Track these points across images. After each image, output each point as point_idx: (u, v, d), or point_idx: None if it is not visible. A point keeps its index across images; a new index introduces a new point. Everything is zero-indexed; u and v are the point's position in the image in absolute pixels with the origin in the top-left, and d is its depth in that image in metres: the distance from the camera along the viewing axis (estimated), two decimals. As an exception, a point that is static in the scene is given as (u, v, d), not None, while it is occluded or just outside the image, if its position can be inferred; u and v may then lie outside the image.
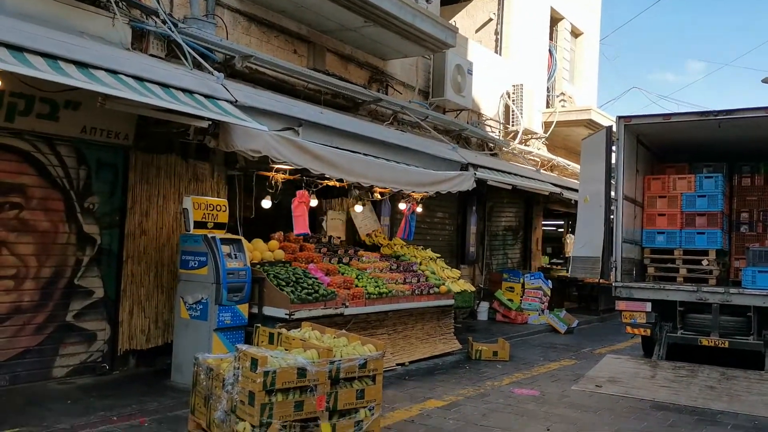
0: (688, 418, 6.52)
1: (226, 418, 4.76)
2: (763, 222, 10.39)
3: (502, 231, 15.28)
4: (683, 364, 8.89)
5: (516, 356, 9.62)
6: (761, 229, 10.39)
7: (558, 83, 17.27)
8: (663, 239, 10.15)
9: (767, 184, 10.64)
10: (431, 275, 9.48)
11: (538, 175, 13.64)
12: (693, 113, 9.74)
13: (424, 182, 9.13)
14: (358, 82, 10.31)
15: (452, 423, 6.06)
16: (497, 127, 14.51)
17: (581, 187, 10.71)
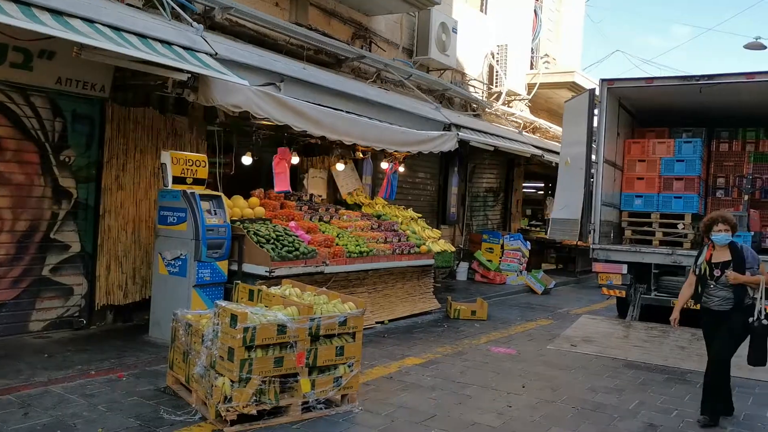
0: (658, 377, 6.70)
1: (205, 373, 4.78)
2: (738, 187, 10.53)
3: (483, 192, 15.33)
4: (656, 325, 9.09)
5: (494, 316, 9.76)
6: (736, 194, 10.54)
7: (542, 44, 17.14)
8: (641, 203, 10.25)
9: (744, 150, 10.75)
10: (412, 235, 9.51)
11: (520, 137, 13.63)
12: (675, 78, 9.74)
13: (407, 142, 9.08)
14: (341, 38, 10.12)
15: (430, 380, 6.16)
16: (481, 88, 14.41)
17: (563, 149, 10.73)
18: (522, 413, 5.34)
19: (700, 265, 5.47)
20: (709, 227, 5.45)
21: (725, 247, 5.38)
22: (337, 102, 8.11)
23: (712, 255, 5.42)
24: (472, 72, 14.09)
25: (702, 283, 5.43)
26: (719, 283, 5.30)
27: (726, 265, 5.29)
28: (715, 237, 5.40)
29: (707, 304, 5.40)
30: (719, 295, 5.32)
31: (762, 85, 8.86)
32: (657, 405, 5.74)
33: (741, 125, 10.79)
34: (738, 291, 5.27)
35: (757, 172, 10.47)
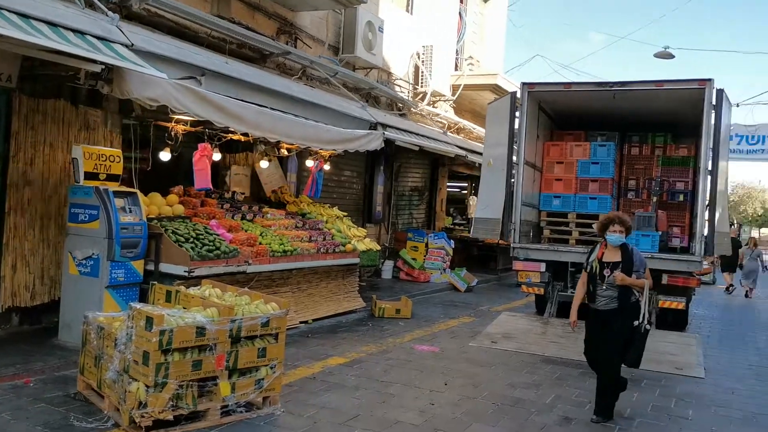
0: (574, 371, 6.95)
1: (118, 378, 4.58)
2: (648, 189, 11.04)
3: (409, 191, 15.46)
4: (572, 321, 9.41)
5: (418, 314, 9.85)
6: (646, 196, 11.04)
7: (467, 47, 17.44)
8: (559, 203, 10.61)
9: (653, 154, 11.28)
10: (337, 234, 9.46)
11: (445, 137, 13.83)
12: (591, 83, 10.13)
13: (332, 140, 9.01)
14: (265, 32, 9.93)
15: (354, 379, 6.14)
16: (406, 88, 14.52)
17: (485, 150, 10.95)
18: (444, 410, 5.40)
19: (591, 263, 5.51)
20: (605, 226, 5.48)
21: (617, 248, 5.42)
22: (261, 98, 7.94)
23: (604, 254, 5.46)
24: (398, 72, 14.17)
25: (592, 281, 5.47)
26: (607, 282, 5.34)
27: (615, 266, 5.34)
28: (610, 237, 5.43)
29: (594, 303, 5.45)
30: (606, 295, 5.36)
31: (669, 92, 9.34)
32: (572, 399, 5.95)
33: (651, 130, 11.32)
34: (623, 292, 5.33)
35: (664, 175, 11.02)
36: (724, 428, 5.39)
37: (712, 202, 8.98)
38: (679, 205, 10.87)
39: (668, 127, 11.13)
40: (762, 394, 6.49)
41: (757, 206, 55.24)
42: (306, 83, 10.51)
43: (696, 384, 6.77)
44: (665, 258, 9.10)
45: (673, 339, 8.74)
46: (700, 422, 5.52)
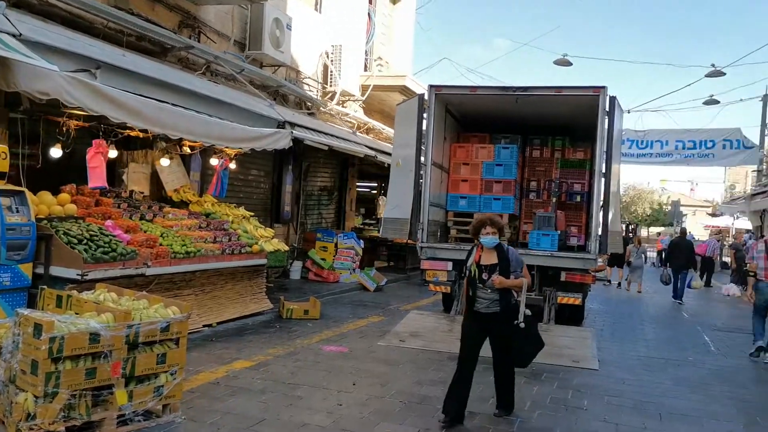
0: (478, 367, 7.07)
1: (3, 390, 4.27)
2: (548, 190, 11.52)
3: (318, 191, 15.36)
4: (477, 318, 9.66)
5: (327, 314, 9.79)
6: (546, 197, 11.52)
7: (376, 47, 17.55)
8: (465, 203, 10.86)
9: (553, 157, 11.79)
10: (243, 234, 9.25)
11: (354, 137, 13.84)
12: (495, 88, 10.45)
13: (238, 138, 8.79)
14: (167, 25, 9.55)
15: (260, 382, 6.01)
16: (315, 87, 14.42)
17: (394, 151, 11.05)
18: (352, 411, 5.39)
19: (469, 267, 5.41)
20: (477, 230, 5.40)
21: (493, 250, 5.36)
22: (161, 93, 7.63)
23: (481, 257, 5.38)
24: (307, 70, 14.05)
25: (472, 285, 5.36)
26: (487, 285, 5.27)
27: (493, 268, 5.28)
28: (484, 239, 5.35)
29: (476, 306, 5.34)
30: (488, 298, 5.29)
31: (567, 98, 9.78)
32: (476, 394, 6.07)
33: (551, 134, 11.82)
34: (504, 294, 5.29)
35: (563, 176, 11.54)
36: (616, 416, 5.69)
37: (605, 202, 9.46)
38: (577, 206, 11.42)
39: (567, 131, 11.65)
40: (650, 384, 6.91)
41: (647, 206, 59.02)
42: (210, 79, 10.21)
43: (591, 375, 7.11)
44: (563, 256, 9.52)
45: (571, 333, 9.16)
46: (593, 412, 5.80)
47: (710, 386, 6.98)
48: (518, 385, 6.44)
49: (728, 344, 9.63)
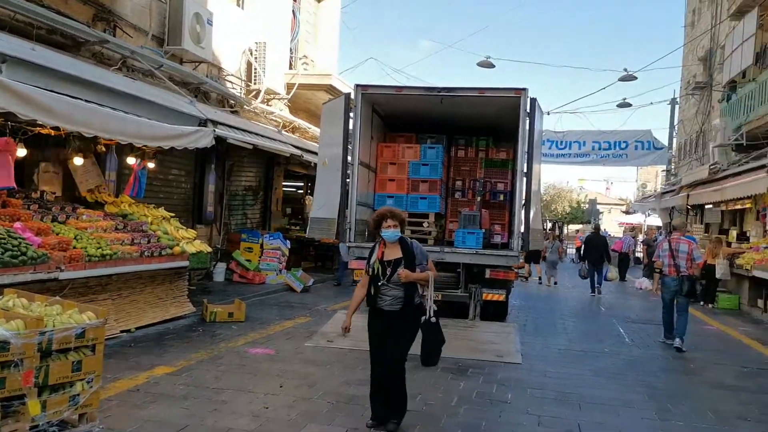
0: (408, 364, 7.13)
1: None
2: (473, 189, 11.74)
3: (242, 191, 15.05)
4: (404, 316, 9.72)
5: (252, 316, 9.61)
6: (471, 196, 11.73)
7: (301, 46, 17.39)
8: (392, 203, 10.88)
9: (477, 157, 12.03)
10: (164, 236, 8.94)
11: (280, 136, 13.66)
12: (420, 88, 10.52)
13: (157, 136, 8.49)
14: (80, 18, 9.12)
15: (182, 388, 5.82)
16: (239, 84, 14.14)
17: (320, 150, 10.96)
18: (279, 413, 5.30)
19: (373, 265, 5.09)
20: (378, 223, 5.14)
21: (396, 244, 5.12)
22: (74, 89, 7.28)
23: (384, 253, 5.10)
24: (230, 67, 13.75)
25: (375, 283, 5.06)
26: (391, 282, 5.00)
27: (397, 263, 5.02)
28: (385, 233, 5.10)
29: (378, 304, 5.07)
30: (391, 294, 5.03)
31: (490, 99, 9.97)
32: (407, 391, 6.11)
33: (475, 134, 12.04)
34: (409, 289, 5.03)
35: (487, 176, 11.78)
36: (539, 408, 5.85)
37: (527, 201, 9.73)
38: (500, 205, 11.69)
39: (490, 132, 11.90)
40: (570, 376, 7.16)
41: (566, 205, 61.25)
42: (127, 75, 9.82)
43: (515, 369, 7.29)
44: (488, 254, 9.72)
45: (495, 329, 9.36)
46: (517, 404, 5.94)
47: (625, 376, 7.30)
48: (445, 381, 6.55)
49: (641, 335, 10.11)
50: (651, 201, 30.48)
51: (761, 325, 11.83)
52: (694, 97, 25.24)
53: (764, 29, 15.99)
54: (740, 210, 18.72)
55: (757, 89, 14.95)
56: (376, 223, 5.17)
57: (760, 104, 14.59)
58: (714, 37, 22.73)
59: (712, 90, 22.69)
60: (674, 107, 28.07)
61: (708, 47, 23.58)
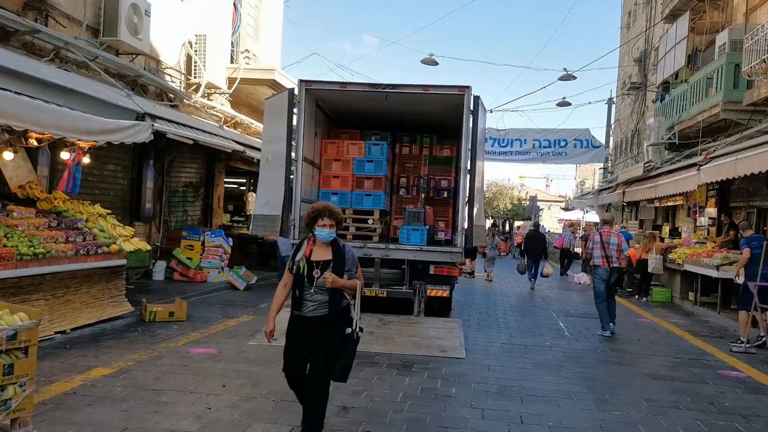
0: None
1: None
2: (417, 186, 11.83)
3: (183, 187, 14.70)
4: (349, 313, 9.71)
5: (194, 315, 9.40)
6: (416, 193, 11.82)
7: (243, 40, 17.10)
8: (336, 200, 10.85)
9: (421, 154, 12.12)
10: (100, 233, 8.64)
11: (221, 131, 13.41)
12: (365, 84, 10.50)
13: (92, 130, 8.18)
14: (9, 6, 8.68)
15: (121, 390, 5.64)
16: (179, 78, 13.78)
17: (264, 146, 10.82)
18: (222, 414, 5.20)
19: (298, 263, 4.62)
20: (313, 219, 4.66)
21: (327, 245, 4.67)
22: (3, 80, 6.93)
23: (312, 251, 4.64)
24: (169, 60, 13.39)
25: (298, 284, 4.61)
26: (317, 285, 4.55)
27: (326, 265, 4.57)
28: (320, 233, 4.63)
29: (300, 309, 4.60)
30: (315, 300, 4.57)
31: (434, 97, 10.05)
32: (349, 388, 6.10)
33: (419, 131, 12.13)
34: (334, 296, 4.58)
35: (431, 173, 11.89)
36: (482, 402, 5.94)
37: (470, 198, 9.86)
38: (444, 201, 11.82)
39: (434, 129, 12.00)
40: (511, 369, 7.30)
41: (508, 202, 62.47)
42: (60, 66, 9.44)
43: (459, 364, 7.38)
44: (432, 250, 9.81)
45: (440, 325, 9.46)
46: (461, 399, 6.02)
47: (565, 368, 7.49)
48: (390, 377, 6.58)
49: (579, 329, 10.40)
50: (589, 198, 31.43)
51: (692, 317, 12.37)
52: (630, 97, 26.14)
53: (696, 32, 16.70)
54: (673, 206, 19.53)
55: (688, 90, 15.61)
56: (310, 219, 4.67)
57: (692, 105, 15.24)
58: (648, 39, 23.60)
59: (647, 90, 23.56)
60: (611, 107, 29.02)
61: (643, 49, 24.46)
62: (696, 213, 16.93)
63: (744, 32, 12.90)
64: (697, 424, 5.57)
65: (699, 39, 16.70)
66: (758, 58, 11.62)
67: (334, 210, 4.70)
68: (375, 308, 10.15)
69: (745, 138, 12.38)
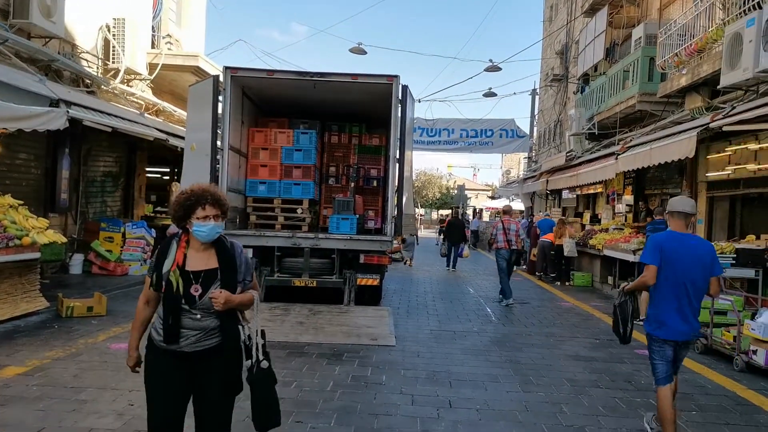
0: (281, 353, 7.07)
1: None
2: (346, 175, 11.81)
3: (101, 177, 14.09)
4: (279, 304, 9.62)
5: (115, 310, 9.05)
6: (345, 182, 11.80)
7: (164, 24, 16.48)
8: (264, 189, 10.71)
9: (350, 143, 12.10)
10: (11, 225, 8.16)
11: (143, 119, 12.91)
12: (293, 72, 10.36)
13: (2, 117, 7.70)
14: None
15: (37, 389, 5.37)
16: (96, 63, 13.16)
17: (188, 134, 10.51)
18: (145, 410, 5.01)
19: (166, 276, 3.12)
20: (188, 210, 3.15)
21: (210, 247, 3.21)
22: None
23: (187, 257, 3.16)
24: (86, 44, 12.76)
25: (171, 307, 3.10)
26: (200, 307, 3.11)
27: (211, 277, 3.14)
28: (200, 228, 3.13)
29: (174, 342, 3.12)
30: (198, 327, 3.11)
31: (363, 86, 10.04)
32: (279, 379, 5.98)
33: (348, 120, 12.09)
34: (227, 320, 3.17)
35: (361, 162, 11.90)
36: (412, 388, 6.00)
37: (400, 187, 9.92)
38: (373, 190, 11.86)
39: (363, 118, 12.00)
40: (440, 355, 7.41)
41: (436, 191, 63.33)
42: (-36, 47, 8.82)
43: (389, 352, 7.42)
44: (362, 239, 9.82)
45: (370, 313, 9.50)
46: (391, 385, 6.06)
47: (492, 352, 7.67)
48: (320, 367, 6.54)
49: (506, 314, 10.68)
50: (514, 186, 32.25)
51: (611, 300, 12.92)
52: (552, 88, 26.95)
53: (614, 27, 17.36)
54: (593, 194, 20.31)
55: (607, 82, 16.22)
56: (184, 210, 3.16)
57: (610, 96, 15.85)
58: (569, 33, 24.36)
59: (568, 82, 24.35)
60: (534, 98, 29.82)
61: (564, 42, 25.23)
62: (614, 200, 17.68)
63: (658, 27, 13.50)
64: (616, 402, 5.82)
65: (617, 33, 17.37)
66: (671, 52, 12.20)
67: (219, 195, 3.24)
68: (305, 298, 10.08)
69: (659, 128, 13.00)
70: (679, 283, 4.56)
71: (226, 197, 3.32)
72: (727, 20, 10.35)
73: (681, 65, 11.94)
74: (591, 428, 5.07)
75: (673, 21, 12.59)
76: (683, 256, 4.55)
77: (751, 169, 10.70)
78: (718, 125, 9.62)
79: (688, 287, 4.56)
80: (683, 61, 11.78)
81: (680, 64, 11.94)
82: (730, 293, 8.58)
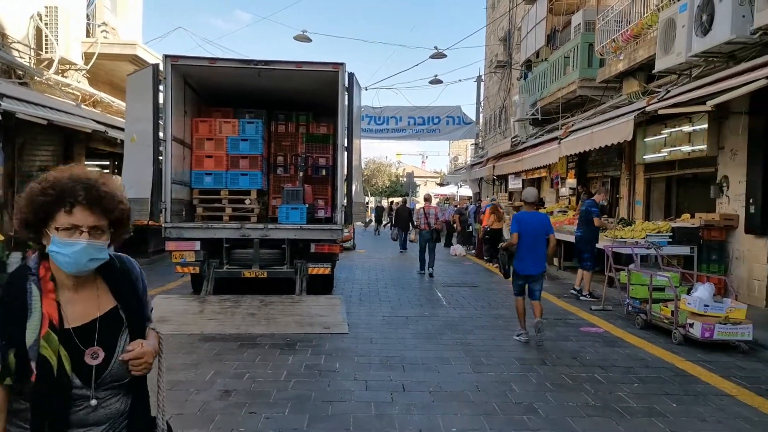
0: (232, 345, 7.01)
1: None
2: (295, 165, 11.70)
3: (37, 171, 13.52)
4: (229, 296, 9.49)
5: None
6: (293, 171, 11.70)
7: (99, 12, 15.93)
8: (210, 180, 10.51)
9: (298, 132, 11.99)
10: (-58, 224, 7.79)
11: (79, 110, 12.50)
12: (236, 60, 10.18)
13: (-74, 109, 7.33)
14: None
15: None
16: (28, 53, 12.63)
17: (128, 126, 10.20)
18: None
19: (38, 356, 1.82)
20: (43, 212, 1.96)
21: (94, 278, 2.05)
22: None
23: (63, 308, 1.93)
24: (16, 34, 12.22)
25: (50, 400, 1.82)
26: (105, 384, 1.93)
27: (112, 325, 2.01)
28: (59, 249, 1.90)
29: None
30: (104, 418, 1.94)
31: (308, 74, 9.93)
32: (231, 372, 5.99)
33: (295, 109, 11.97)
34: (140, 392, 2.08)
35: (308, 151, 11.80)
36: (365, 374, 6.04)
37: (349, 176, 9.90)
38: (323, 179, 11.79)
39: (310, 107, 11.89)
40: (393, 341, 7.48)
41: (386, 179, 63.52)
42: None
43: (342, 339, 7.45)
44: (312, 228, 9.77)
45: (322, 302, 9.47)
46: (345, 372, 6.09)
47: (443, 336, 7.79)
48: (273, 357, 6.52)
49: (456, 298, 10.84)
50: (462, 173, 32.65)
51: (556, 281, 13.27)
52: (497, 75, 27.33)
53: (554, 13, 17.70)
54: (538, 178, 20.74)
55: (549, 68, 16.55)
56: (35, 212, 1.99)
57: (552, 82, 16.19)
58: (512, 20, 24.71)
59: (512, 69, 24.72)
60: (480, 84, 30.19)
61: (507, 29, 25.59)
62: (558, 184, 18.11)
63: (596, 13, 13.84)
64: (563, 378, 6.00)
65: (557, 20, 17.74)
66: (608, 38, 12.53)
67: (103, 188, 1.96)
68: (256, 290, 9.99)
69: (599, 113, 13.36)
70: (530, 241, 7.47)
71: (122, 194, 2.02)
72: (661, 6, 10.70)
73: (618, 51, 12.29)
74: (539, 404, 5.22)
75: (611, 8, 12.93)
76: (531, 225, 7.50)
77: (686, 151, 11.13)
78: (653, 109, 9.96)
79: (536, 243, 7.49)
80: (620, 46, 12.13)
81: (617, 50, 12.29)
82: (667, 270, 8.95)
